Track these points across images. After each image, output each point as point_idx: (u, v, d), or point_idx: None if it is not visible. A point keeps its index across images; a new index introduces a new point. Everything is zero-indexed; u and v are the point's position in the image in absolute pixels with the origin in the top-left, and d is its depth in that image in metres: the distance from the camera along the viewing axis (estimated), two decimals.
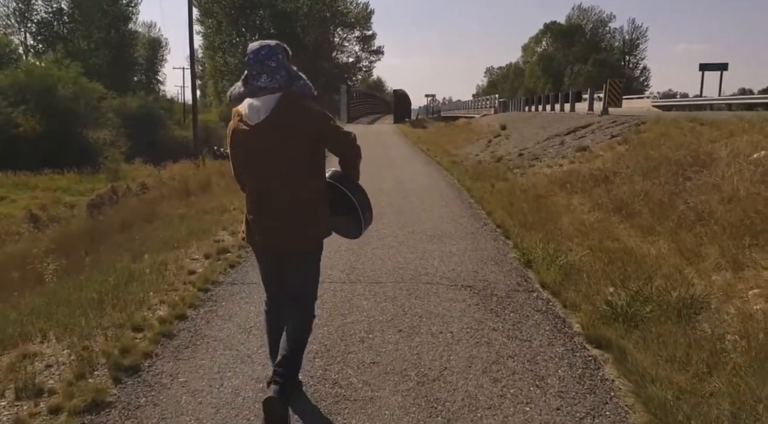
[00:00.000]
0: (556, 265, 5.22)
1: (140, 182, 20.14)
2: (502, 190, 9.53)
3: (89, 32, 63.69)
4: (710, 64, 33.19)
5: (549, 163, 11.27)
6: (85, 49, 64.21)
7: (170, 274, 5.49)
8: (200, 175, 17.92)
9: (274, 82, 2.67)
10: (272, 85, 2.67)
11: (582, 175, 9.15)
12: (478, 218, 7.77)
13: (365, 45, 75.46)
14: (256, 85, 2.70)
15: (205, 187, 13.65)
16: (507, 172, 11.51)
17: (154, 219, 10.20)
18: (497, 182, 10.50)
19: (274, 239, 2.79)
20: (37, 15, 63.78)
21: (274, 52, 2.70)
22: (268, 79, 2.67)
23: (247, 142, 2.72)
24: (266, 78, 2.68)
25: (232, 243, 6.58)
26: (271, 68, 2.68)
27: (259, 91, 2.70)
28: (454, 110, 57.41)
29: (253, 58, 2.69)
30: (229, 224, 7.70)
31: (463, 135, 23.40)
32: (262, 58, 2.68)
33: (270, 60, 2.68)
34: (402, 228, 7.18)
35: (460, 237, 6.66)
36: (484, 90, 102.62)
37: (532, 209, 7.71)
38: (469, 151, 17.57)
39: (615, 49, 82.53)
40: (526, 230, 6.70)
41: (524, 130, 17.55)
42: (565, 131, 14.36)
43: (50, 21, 63.96)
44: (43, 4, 62.59)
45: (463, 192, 9.89)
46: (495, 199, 8.78)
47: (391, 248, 6.23)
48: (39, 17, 63.15)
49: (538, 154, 12.72)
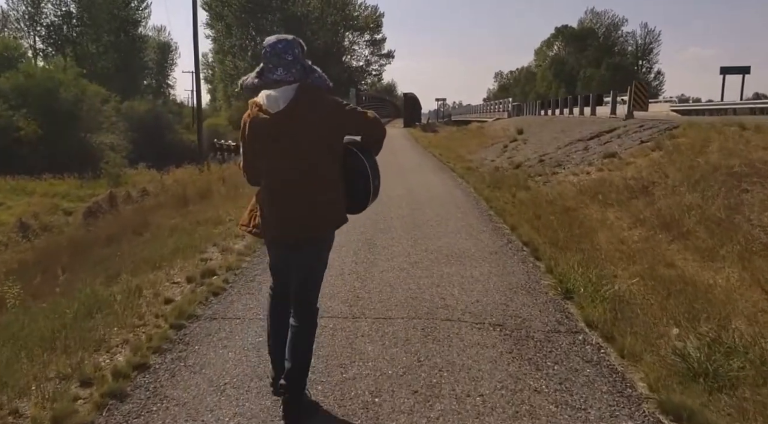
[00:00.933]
0: (602, 297, 4.33)
1: (141, 188, 19.44)
2: (524, 200, 8.63)
3: (98, 36, 63.63)
4: (731, 68, 32.07)
5: (574, 171, 10.35)
6: (93, 52, 64.18)
7: (143, 303, 4.65)
8: (202, 182, 17.16)
9: (289, 75, 2.69)
10: (288, 78, 2.69)
11: (614, 184, 8.24)
12: (500, 233, 6.87)
13: (375, 48, 74.74)
14: (272, 78, 2.70)
15: (204, 194, 12.84)
16: (528, 180, 10.60)
17: (145, 231, 9.40)
18: (518, 191, 9.60)
19: (290, 227, 2.76)
20: (46, 19, 63.74)
21: (291, 46, 2.71)
22: (284, 72, 2.69)
23: (266, 131, 2.71)
24: (282, 71, 2.69)
25: (220, 262, 5.73)
26: (287, 62, 2.69)
27: (274, 83, 2.71)
28: (465, 114, 56.55)
29: (270, 51, 2.71)
30: (221, 240, 6.86)
31: (476, 139, 22.50)
32: (279, 52, 2.70)
33: (287, 53, 2.70)
34: (414, 245, 6.31)
35: (483, 257, 5.77)
36: (494, 94, 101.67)
37: (562, 224, 6.81)
38: (484, 156, 16.66)
39: (628, 54, 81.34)
40: (559, 249, 5.81)
41: (543, 135, 16.62)
42: (588, 136, 13.44)
43: (59, 25, 63.89)
44: (52, 7, 62.51)
45: (480, 202, 8.99)
46: (518, 211, 7.88)
47: (402, 271, 5.35)
48: (48, 21, 63.06)
49: (560, 160, 11.81)
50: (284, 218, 2.75)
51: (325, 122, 2.71)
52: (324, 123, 2.71)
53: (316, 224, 2.77)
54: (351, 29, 73.31)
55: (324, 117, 2.70)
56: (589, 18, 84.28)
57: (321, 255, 2.90)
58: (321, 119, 2.70)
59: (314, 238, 2.81)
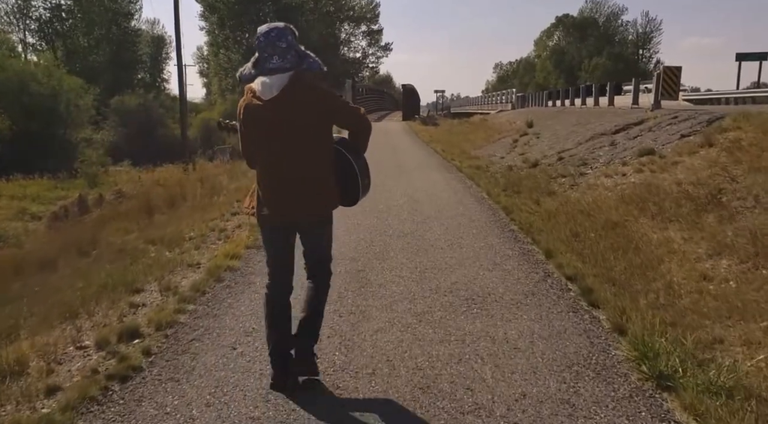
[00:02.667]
0: (718, 387, 2.74)
1: (116, 190, 17.82)
2: (553, 211, 7.02)
3: (89, 29, 62.17)
4: (749, 54, 30.30)
5: (605, 171, 8.72)
6: (84, 46, 62.76)
7: (16, 391, 3.06)
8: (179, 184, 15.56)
9: (285, 62, 2.76)
10: (285, 65, 2.76)
11: (666, 191, 6.62)
12: (532, 260, 5.26)
13: (372, 40, 72.96)
14: (268, 67, 2.77)
15: (175, 201, 11.24)
16: (551, 183, 8.99)
17: (93, 249, 7.80)
18: (542, 198, 7.99)
19: (287, 209, 2.84)
20: (35, 11, 62.12)
21: (284, 33, 2.77)
22: (279, 59, 2.76)
23: (260, 117, 2.78)
24: (278, 58, 2.76)
25: (151, 315, 4.11)
26: (282, 49, 2.76)
27: (270, 72, 2.76)
28: (465, 106, 54.87)
29: (264, 40, 2.77)
30: (169, 271, 5.26)
31: (481, 133, 20.85)
32: (273, 40, 2.76)
33: (280, 41, 2.76)
34: (420, 281, 4.70)
35: (516, 303, 4.16)
36: (493, 86, 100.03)
37: (610, 247, 5.21)
38: (492, 152, 15.02)
39: (628, 43, 79.65)
40: (618, 288, 4.22)
41: (557, 128, 14.98)
42: (612, 129, 11.80)
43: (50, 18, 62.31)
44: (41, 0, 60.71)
45: (498, 213, 7.38)
46: (548, 226, 6.28)
47: (405, 329, 3.74)
48: (38, 14, 61.45)
49: (584, 158, 10.17)
50: (280, 199, 2.83)
51: (315, 109, 2.78)
52: (315, 109, 2.78)
53: (311, 208, 2.87)
54: (347, 20, 71.65)
55: (315, 104, 2.78)
56: (590, 7, 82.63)
57: (325, 230, 3.02)
58: (312, 106, 2.77)
59: (312, 220, 2.92)
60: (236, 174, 13.92)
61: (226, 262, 5.25)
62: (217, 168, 19.34)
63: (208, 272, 4.98)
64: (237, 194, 9.84)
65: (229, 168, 17.00)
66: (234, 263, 5.25)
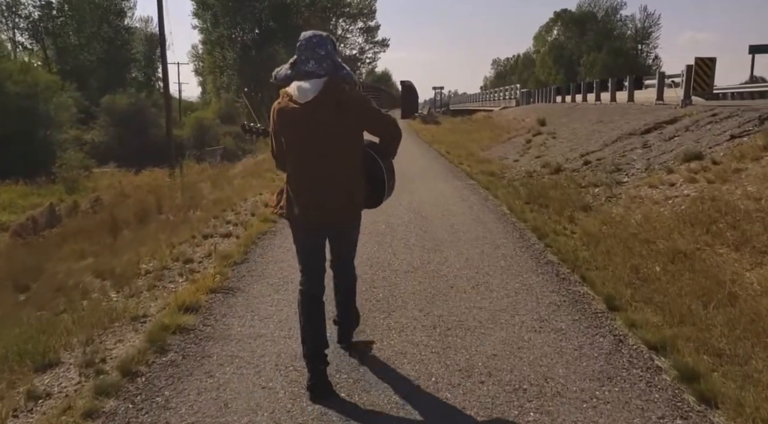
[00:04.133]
0: None
1: (94, 197, 16.44)
2: (595, 232, 5.67)
3: (80, 27, 60.90)
4: (762, 46, 28.98)
5: (648, 180, 7.37)
6: (75, 44, 61.52)
7: None
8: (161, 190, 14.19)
9: (320, 68, 2.81)
10: (319, 71, 2.81)
11: (740, 208, 5.28)
12: (590, 311, 3.90)
13: (369, 36, 71.57)
14: (304, 70, 2.83)
15: (148, 213, 9.87)
16: (582, 194, 7.64)
17: (33, 282, 6.43)
18: (576, 213, 6.65)
19: (317, 210, 2.88)
20: (25, 9, 60.77)
21: (324, 42, 2.85)
22: (315, 64, 2.81)
23: (296, 120, 2.82)
24: (314, 64, 2.82)
25: (50, 421, 2.75)
26: (320, 56, 2.82)
27: (306, 75, 2.83)
28: (465, 103, 53.54)
29: (305, 43, 2.84)
30: (102, 329, 3.90)
31: (487, 132, 19.49)
32: (313, 46, 2.83)
33: (320, 48, 2.83)
34: (442, 353, 3.34)
35: (590, 398, 2.81)
36: (491, 82, 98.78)
37: (695, 293, 3.87)
38: (503, 154, 13.67)
39: (627, 38, 78.41)
40: (732, 366, 2.89)
41: (574, 127, 13.62)
42: (642, 128, 10.45)
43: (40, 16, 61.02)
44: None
45: (527, 235, 6.02)
46: (597, 255, 4.93)
47: None
48: (27, 11, 60.09)
49: (616, 162, 8.81)
50: (311, 203, 2.88)
51: (349, 114, 2.83)
52: (349, 115, 2.83)
53: (343, 210, 2.93)
54: (344, 16, 70.26)
55: (349, 110, 2.82)
56: (588, 2, 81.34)
57: (353, 233, 3.14)
58: (346, 111, 2.81)
59: (343, 222, 3.01)
60: (220, 182, 12.56)
61: (178, 318, 3.88)
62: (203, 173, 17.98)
63: (149, 337, 3.62)
64: (215, 209, 8.48)
65: (215, 173, 15.64)
66: (188, 320, 3.88)
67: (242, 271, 5.03)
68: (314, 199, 2.87)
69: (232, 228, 7.03)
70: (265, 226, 6.73)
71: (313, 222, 2.93)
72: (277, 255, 5.51)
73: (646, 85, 15.32)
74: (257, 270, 5.05)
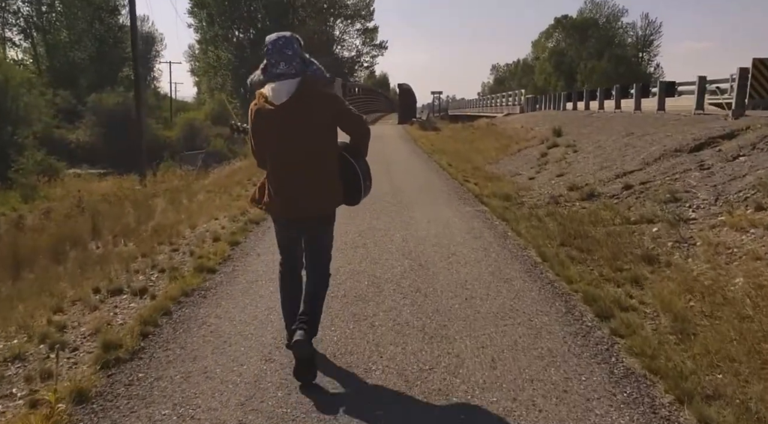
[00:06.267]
0: None
1: (45, 208, 14.36)
2: (682, 311, 3.71)
3: (71, 24, 59.25)
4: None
5: (726, 219, 5.40)
6: (66, 41, 59.90)
7: None
8: (113, 204, 12.21)
9: (290, 68, 2.93)
10: (289, 72, 2.93)
11: None
12: None
13: (367, 38, 69.67)
14: (275, 72, 2.96)
15: (78, 240, 7.85)
16: (636, 234, 5.66)
17: None
18: (637, 267, 4.68)
19: (294, 207, 3.05)
20: (14, 4, 58.95)
21: (290, 42, 2.97)
22: (285, 66, 2.93)
23: (272, 120, 2.95)
24: (284, 65, 2.94)
25: None
26: (288, 56, 2.94)
27: (277, 77, 2.95)
28: (464, 109, 51.71)
29: (272, 47, 2.96)
30: None
31: (492, 142, 17.53)
32: (280, 47, 2.95)
33: (287, 49, 2.95)
34: None
35: None
36: (490, 88, 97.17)
37: None
38: (514, 169, 11.72)
39: (628, 45, 77.00)
40: None
41: (598, 139, 11.67)
42: (690, 144, 8.50)
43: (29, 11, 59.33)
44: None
45: (579, 309, 4.02)
46: (702, 362, 2.97)
47: None
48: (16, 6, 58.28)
49: (672, 189, 6.81)
50: (289, 198, 3.04)
51: (322, 113, 2.97)
52: (322, 114, 2.97)
53: (317, 205, 3.08)
54: (341, 17, 68.47)
55: (322, 108, 2.98)
56: (589, 8, 79.89)
57: (327, 229, 3.24)
58: (319, 110, 2.96)
59: (318, 217, 3.13)
60: (180, 197, 10.54)
61: None
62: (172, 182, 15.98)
63: None
64: (152, 240, 6.50)
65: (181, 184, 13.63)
66: None
67: (119, 382, 3.05)
68: (288, 195, 3.03)
69: (156, 276, 5.05)
70: (198, 279, 4.73)
71: (286, 216, 3.13)
72: (194, 344, 3.52)
73: (680, 91, 13.41)
74: (146, 382, 3.06)
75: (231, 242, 5.98)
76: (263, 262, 5.28)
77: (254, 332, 3.67)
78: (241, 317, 3.93)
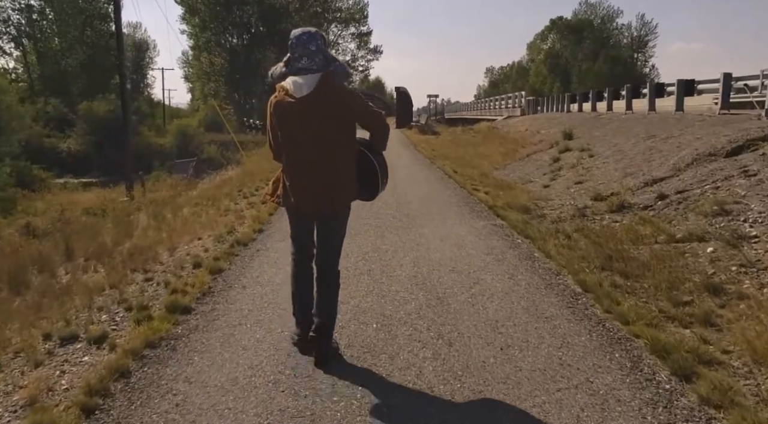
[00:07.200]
0: None
1: (24, 224, 13.45)
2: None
3: (62, 31, 58.48)
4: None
5: None
6: (57, 49, 59.15)
7: None
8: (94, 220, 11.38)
9: (312, 64, 2.95)
10: (311, 67, 2.95)
11: None
12: None
13: (361, 42, 69.04)
14: (297, 66, 2.97)
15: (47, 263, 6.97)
16: (687, 256, 4.82)
17: None
18: (704, 301, 3.84)
19: (309, 201, 3.05)
20: (3, 12, 58.09)
21: (314, 38, 2.99)
22: (308, 61, 2.95)
23: (291, 113, 2.96)
24: (306, 60, 2.95)
25: None
26: (311, 52, 2.95)
27: (299, 71, 2.97)
28: (460, 112, 51.01)
29: (296, 42, 2.98)
30: None
31: (496, 146, 16.72)
32: (304, 42, 2.96)
33: (310, 44, 2.96)
34: None
35: None
36: (485, 91, 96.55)
37: None
38: (525, 176, 10.89)
39: (623, 46, 76.45)
40: None
41: (616, 142, 10.85)
42: (726, 147, 7.68)
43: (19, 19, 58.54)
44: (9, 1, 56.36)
45: (647, 362, 3.18)
46: None
47: None
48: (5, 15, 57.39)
49: (720, 200, 5.97)
50: (305, 192, 3.03)
51: (342, 108, 2.97)
52: (341, 109, 2.97)
53: (332, 200, 3.06)
54: (335, 22, 67.82)
55: (342, 103, 2.97)
56: (584, 9, 79.36)
57: (340, 225, 3.21)
58: (339, 106, 2.95)
59: (332, 211, 3.12)
60: (164, 210, 9.66)
61: None
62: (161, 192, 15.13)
63: None
64: (124, 267, 5.64)
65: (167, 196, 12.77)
66: None
67: None
68: (305, 188, 3.01)
69: (121, 315, 4.19)
70: (168, 323, 3.86)
71: (303, 209, 3.09)
72: None
73: (699, 90, 12.61)
74: None
75: (213, 270, 5.12)
76: (249, 297, 4.42)
77: (233, 404, 2.82)
78: (217, 380, 3.07)
